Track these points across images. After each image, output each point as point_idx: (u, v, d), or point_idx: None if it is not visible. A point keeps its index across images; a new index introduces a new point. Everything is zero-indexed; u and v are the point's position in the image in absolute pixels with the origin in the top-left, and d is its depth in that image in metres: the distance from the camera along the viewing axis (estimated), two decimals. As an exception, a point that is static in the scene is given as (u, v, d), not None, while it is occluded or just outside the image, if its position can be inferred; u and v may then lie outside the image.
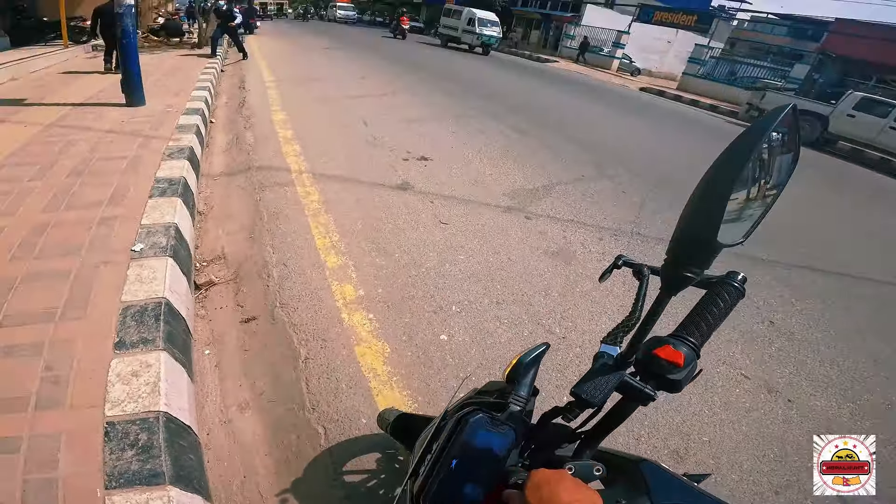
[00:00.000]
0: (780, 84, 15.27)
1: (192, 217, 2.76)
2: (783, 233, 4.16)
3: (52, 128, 3.91)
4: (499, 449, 0.53)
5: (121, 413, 1.19)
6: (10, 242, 2.00)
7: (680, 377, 0.53)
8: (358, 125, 5.32)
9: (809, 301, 3.01)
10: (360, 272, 2.41)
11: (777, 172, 0.60)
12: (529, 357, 0.63)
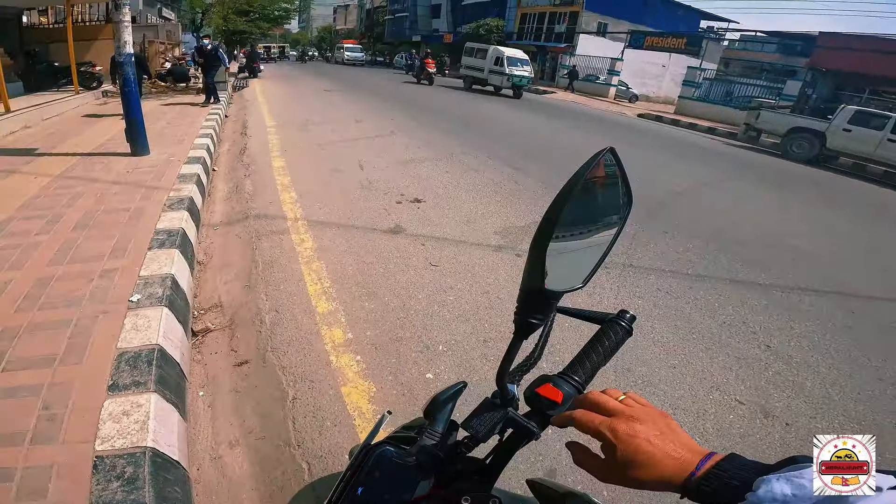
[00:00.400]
0: (774, 102, 15.65)
1: (192, 266, 2.96)
2: (781, 254, 4.31)
3: (60, 179, 4.23)
4: (403, 480, 0.58)
5: (110, 448, 1.34)
6: (17, 294, 2.20)
7: (558, 413, 0.57)
8: (354, 169, 5.64)
9: (809, 323, 3.09)
10: (349, 316, 2.56)
11: (607, 215, 0.64)
12: (446, 395, 0.67)
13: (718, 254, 4.13)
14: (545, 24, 30.02)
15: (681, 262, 3.87)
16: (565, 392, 0.58)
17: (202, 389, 2.02)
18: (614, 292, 3.23)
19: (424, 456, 0.59)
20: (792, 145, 11.30)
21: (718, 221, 5.13)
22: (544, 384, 0.59)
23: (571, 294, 0.61)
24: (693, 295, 3.31)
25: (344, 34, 65.98)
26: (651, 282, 3.46)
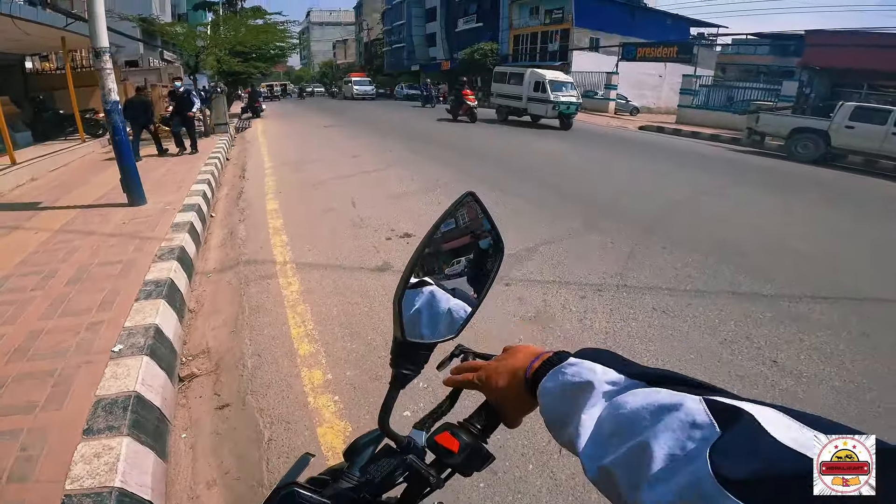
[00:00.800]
0: (773, 103, 15.79)
1: (181, 315, 3.13)
2: (785, 262, 4.30)
3: (59, 233, 4.51)
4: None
5: (78, 488, 1.48)
6: (9, 347, 2.41)
7: (455, 462, 0.58)
8: (347, 207, 5.86)
9: (820, 334, 3.04)
10: (330, 357, 2.68)
11: (476, 262, 0.66)
12: (366, 438, 0.69)
13: (720, 266, 4.16)
14: (538, 44, 31.20)
15: (679, 279, 3.91)
16: (462, 441, 0.58)
17: (185, 432, 2.15)
18: (606, 315, 3.28)
19: (338, 499, 0.59)
20: (796, 146, 11.42)
21: (719, 231, 5.16)
22: (443, 432, 0.60)
23: (566, 323, 0.67)
24: (692, 312, 3.34)
25: (345, 68, 68.67)
26: (646, 301, 3.51)
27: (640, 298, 3.56)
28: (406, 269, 0.58)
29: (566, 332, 3.04)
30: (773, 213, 6.15)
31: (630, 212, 5.80)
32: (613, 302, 3.48)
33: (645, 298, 3.57)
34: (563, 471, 1.89)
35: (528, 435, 2.05)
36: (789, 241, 4.94)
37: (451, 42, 39.79)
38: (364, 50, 62.54)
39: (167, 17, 23.24)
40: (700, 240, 4.83)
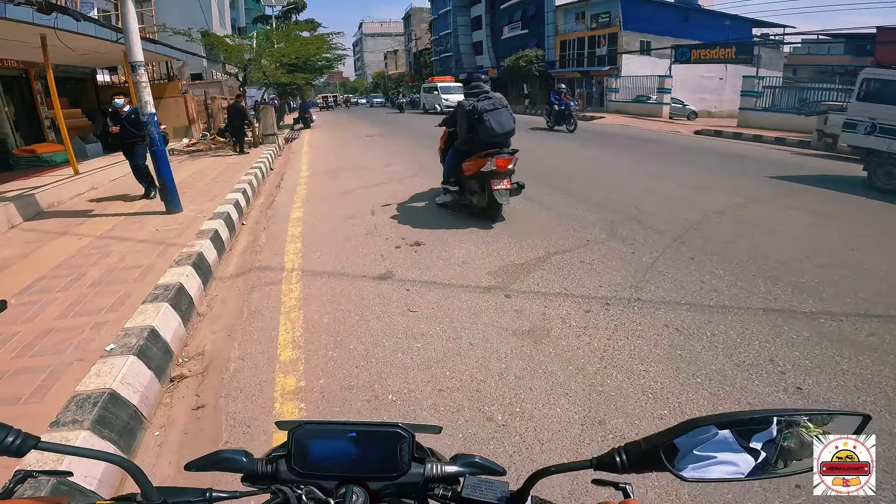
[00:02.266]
0: (843, 104, 14.54)
1: (186, 318, 3.33)
2: (838, 278, 3.84)
3: (99, 239, 4.94)
4: None
5: (23, 468, 1.57)
6: (18, 344, 2.66)
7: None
8: (366, 215, 6.00)
9: (862, 357, 2.71)
10: (309, 364, 2.74)
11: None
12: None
13: (755, 279, 3.82)
14: (585, 49, 30.65)
15: (703, 293, 3.64)
16: None
17: (159, 430, 2.28)
18: (609, 332, 3.10)
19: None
20: None
21: (762, 242, 4.74)
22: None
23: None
24: (710, 330, 3.08)
25: (396, 77, 70.59)
26: (659, 317, 3.28)
27: (652, 314, 3.34)
28: None
29: (559, 349, 2.92)
30: (833, 223, 5.59)
31: (660, 220, 5.50)
32: (621, 317, 3.30)
33: (658, 314, 3.35)
34: None
35: None
36: (848, 254, 4.44)
37: (497, 50, 39.99)
38: (413, 60, 64.03)
39: (227, 30, 24.79)
40: (737, 251, 4.47)
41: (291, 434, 0.64)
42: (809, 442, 0.55)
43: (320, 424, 0.65)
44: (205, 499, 0.62)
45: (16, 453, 0.57)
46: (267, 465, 0.66)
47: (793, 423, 0.55)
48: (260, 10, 33.64)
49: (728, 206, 6.20)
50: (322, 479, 0.64)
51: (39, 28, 6.75)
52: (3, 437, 0.56)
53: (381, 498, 0.65)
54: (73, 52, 8.60)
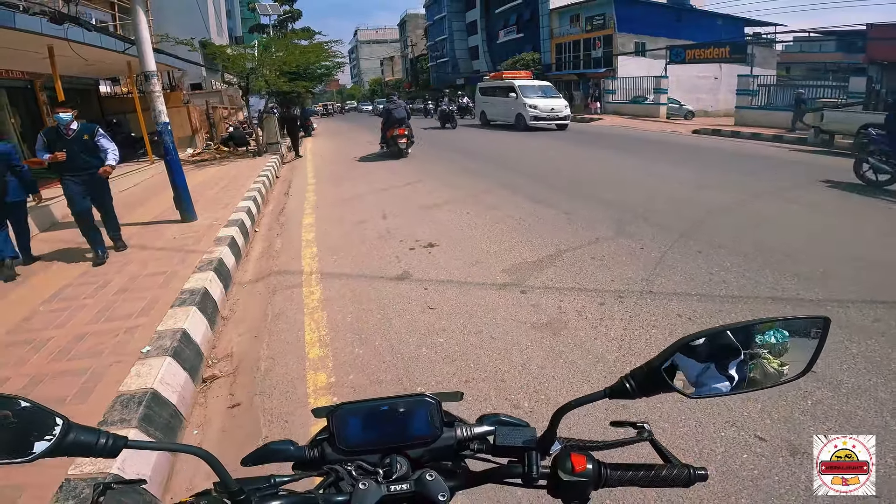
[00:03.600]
0: (840, 100, 14.67)
1: (212, 321, 3.39)
2: (843, 268, 3.92)
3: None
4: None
5: (78, 473, 1.66)
6: (54, 348, 2.74)
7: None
8: (377, 219, 6.08)
9: (870, 341, 2.77)
10: (337, 361, 2.81)
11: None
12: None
13: (762, 269, 3.90)
14: (581, 52, 30.80)
15: (712, 284, 3.72)
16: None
17: (197, 429, 2.35)
18: (624, 323, 3.17)
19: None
20: None
21: (767, 236, 4.82)
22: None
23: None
24: (721, 319, 3.15)
25: (393, 84, 70.85)
26: (672, 308, 3.35)
27: (664, 305, 3.42)
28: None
29: (578, 340, 2.98)
30: (835, 216, 5.68)
31: (666, 217, 5.57)
32: (634, 309, 3.37)
33: (671, 305, 3.42)
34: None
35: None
36: (849, 244, 4.54)
37: (493, 54, 40.19)
38: (410, 66, 64.30)
39: (224, 40, 24.62)
40: (743, 244, 4.54)
41: (331, 417, 0.68)
42: (771, 371, 0.65)
43: (354, 404, 0.70)
44: (271, 484, 0.66)
45: (110, 454, 0.59)
46: (313, 449, 0.70)
47: (756, 355, 0.65)
48: (256, 19, 33.86)
49: (731, 203, 6.28)
50: (365, 454, 0.68)
51: (47, 38, 6.84)
52: (97, 440, 0.58)
53: (422, 464, 0.69)
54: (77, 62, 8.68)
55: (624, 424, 0.73)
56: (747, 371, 0.65)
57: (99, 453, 0.58)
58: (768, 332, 0.65)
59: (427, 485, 0.63)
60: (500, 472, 0.69)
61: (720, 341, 0.65)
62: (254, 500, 0.63)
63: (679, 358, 0.65)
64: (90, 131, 4.63)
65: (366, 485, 0.62)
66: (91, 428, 0.58)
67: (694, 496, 1.78)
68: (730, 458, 1.95)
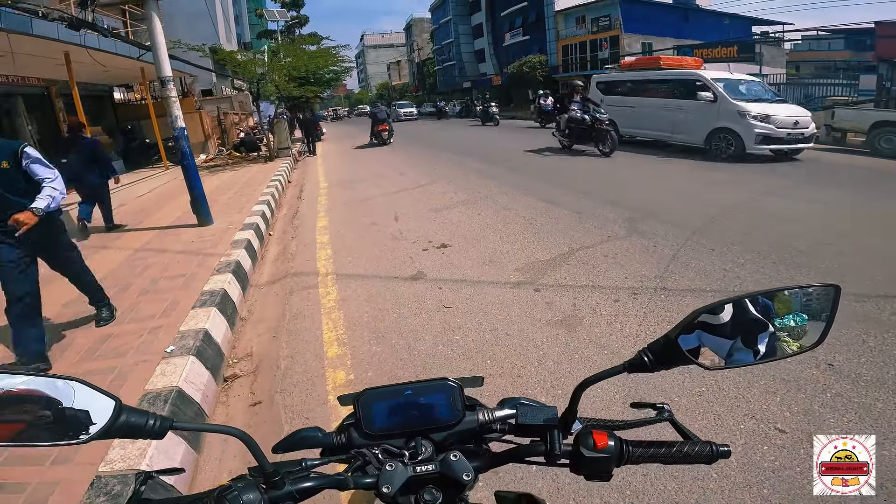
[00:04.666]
0: (851, 98, 14.46)
1: (231, 321, 3.44)
2: (857, 263, 3.89)
3: (138, 252, 5.10)
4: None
5: (109, 470, 1.71)
6: (81, 348, 2.82)
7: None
8: (389, 221, 6.11)
9: (888, 335, 2.76)
10: (355, 359, 2.84)
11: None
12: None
13: (777, 266, 3.87)
14: (588, 53, 30.68)
15: (727, 280, 3.69)
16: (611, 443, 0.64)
17: (220, 426, 2.38)
18: (639, 319, 3.16)
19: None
20: (879, 140, 10.51)
21: (781, 232, 4.77)
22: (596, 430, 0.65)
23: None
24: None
25: (400, 88, 71.06)
26: (686, 304, 3.32)
27: (679, 301, 3.40)
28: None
29: (593, 336, 2.98)
30: (848, 211, 5.59)
31: (678, 215, 5.54)
32: (649, 305, 3.36)
33: (685, 301, 3.40)
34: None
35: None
36: (865, 239, 4.49)
37: (499, 57, 40.18)
38: (416, 70, 64.50)
39: (233, 46, 24.82)
40: (757, 241, 4.51)
41: (357, 402, 0.69)
42: (790, 352, 0.67)
43: (378, 389, 0.71)
44: (303, 467, 0.67)
45: (158, 435, 0.61)
46: (340, 435, 0.71)
47: (776, 338, 0.66)
48: (263, 25, 34.13)
49: (743, 200, 6.22)
50: (391, 437, 0.69)
51: (64, 45, 6.96)
52: (146, 421, 0.59)
53: (446, 447, 0.69)
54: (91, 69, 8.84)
55: (644, 405, 0.75)
56: (774, 345, 0.66)
57: (148, 434, 0.60)
58: (787, 315, 0.66)
59: (452, 465, 0.64)
60: (523, 451, 0.70)
61: (744, 316, 0.66)
62: (287, 482, 0.64)
63: (704, 336, 0.65)
64: (8, 154, 2.66)
65: (392, 466, 0.64)
66: (141, 410, 0.60)
67: (715, 486, 1.78)
68: (750, 450, 1.95)
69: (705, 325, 0.65)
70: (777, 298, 0.67)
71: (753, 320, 0.66)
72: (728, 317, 0.65)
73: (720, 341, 0.66)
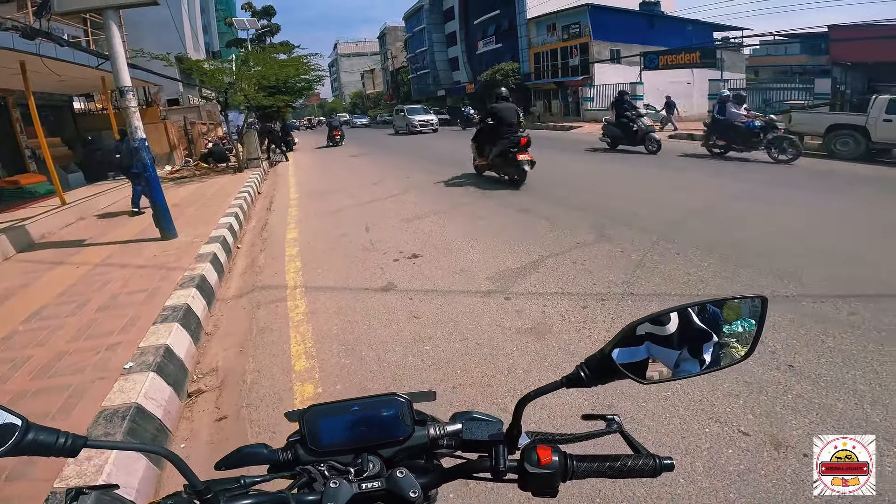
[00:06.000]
0: (806, 102, 15.31)
1: (196, 337, 3.40)
2: (815, 263, 4.07)
3: (98, 267, 4.97)
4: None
5: (63, 486, 1.69)
6: (36, 366, 2.75)
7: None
8: (360, 232, 6.13)
9: (846, 335, 2.88)
10: (323, 372, 2.84)
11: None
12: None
13: (738, 269, 4.06)
14: (559, 60, 31.51)
15: (690, 284, 3.85)
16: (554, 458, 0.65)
17: (184, 442, 2.37)
18: (607, 325, 3.26)
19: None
20: (835, 144, 11.17)
21: (743, 235, 5.02)
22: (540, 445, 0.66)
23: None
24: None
25: (374, 97, 71.10)
26: (652, 308, 3.35)
27: (646, 306, 3.52)
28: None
29: (562, 343, 3.06)
30: (805, 213, 5.91)
31: (645, 220, 5.75)
32: (616, 311, 3.47)
33: (651, 306, 3.52)
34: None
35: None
36: (821, 240, 4.76)
37: (473, 65, 40.79)
38: (391, 78, 64.79)
39: (201, 55, 24.50)
40: (719, 244, 4.72)
41: (302, 419, 0.69)
42: (738, 357, 0.71)
43: (325, 405, 0.71)
44: (241, 485, 0.67)
45: (70, 453, 0.60)
46: (286, 452, 0.71)
47: (724, 343, 0.70)
48: (233, 34, 33.79)
49: (706, 205, 6.50)
50: (338, 454, 0.69)
51: (19, 54, 6.76)
52: (56, 440, 0.59)
53: (395, 463, 0.69)
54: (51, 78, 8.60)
55: (595, 417, 0.76)
56: (719, 354, 0.69)
57: (59, 452, 0.59)
58: (736, 321, 0.70)
59: (398, 482, 0.64)
60: (471, 467, 0.71)
61: (689, 327, 0.68)
62: (222, 499, 0.64)
63: (653, 349, 0.68)
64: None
65: (336, 483, 0.63)
66: (50, 428, 0.59)
67: (683, 492, 1.82)
68: (716, 454, 2.01)
69: (653, 337, 0.68)
70: (726, 306, 0.71)
71: (699, 330, 0.69)
72: (674, 328, 0.68)
73: (667, 352, 0.68)
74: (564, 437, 0.74)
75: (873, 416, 2.17)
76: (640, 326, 0.68)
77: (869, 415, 2.18)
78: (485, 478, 0.69)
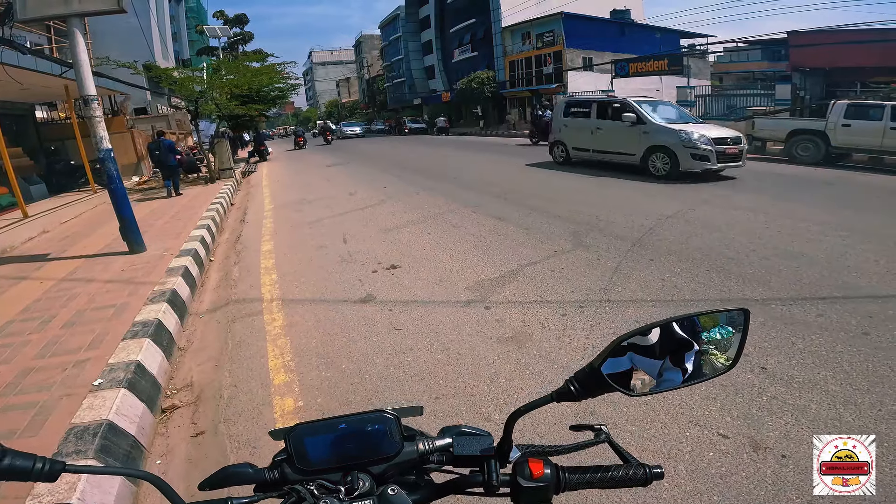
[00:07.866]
0: (769, 108, 16.03)
1: (168, 352, 3.34)
2: (782, 267, 4.29)
3: (62, 282, 4.82)
4: None
5: (37, 503, 1.67)
6: (0, 383, 2.66)
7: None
8: (338, 243, 6.12)
9: (815, 336, 3.01)
10: (303, 386, 2.84)
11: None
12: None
13: (710, 274, 4.23)
14: (533, 68, 32.31)
15: (665, 290, 3.99)
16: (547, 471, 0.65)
17: (160, 458, 2.35)
18: (586, 332, 3.35)
19: None
20: (796, 149, 11.64)
21: (712, 240, 5.24)
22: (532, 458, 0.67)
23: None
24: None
25: (350, 105, 70.98)
26: (629, 315, 3.57)
27: (622, 313, 3.63)
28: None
29: (543, 351, 3.13)
30: (770, 218, 6.18)
31: (619, 227, 5.93)
32: (595, 318, 3.57)
33: (628, 312, 3.64)
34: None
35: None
36: (786, 244, 4.99)
37: (449, 73, 41.28)
38: (367, 87, 64.86)
39: (170, 63, 24.08)
40: (690, 250, 4.92)
41: (288, 438, 0.69)
42: (719, 365, 0.74)
43: (311, 424, 0.70)
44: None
45: (48, 478, 0.60)
46: (273, 471, 0.71)
47: (704, 351, 0.73)
48: (204, 42, 33.40)
49: (677, 211, 6.74)
50: (326, 472, 0.68)
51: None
52: (33, 465, 0.58)
53: (385, 480, 0.69)
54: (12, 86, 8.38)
55: (583, 428, 0.77)
56: (700, 362, 0.71)
57: (37, 477, 0.59)
58: (714, 328, 0.72)
59: (390, 500, 0.64)
60: (463, 482, 0.71)
61: (671, 336, 0.70)
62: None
63: (636, 359, 0.70)
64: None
65: (327, 502, 0.63)
66: (27, 453, 0.59)
67: (668, 496, 1.87)
68: (697, 457, 2.07)
69: (636, 347, 0.70)
70: (707, 317, 0.73)
71: (679, 340, 0.71)
72: (656, 338, 0.70)
73: (650, 362, 0.70)
74: (554, 449, 0.75)
75: (846, 416, 2.26)
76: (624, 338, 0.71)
77: (842, 414, 2.28)
78: (477, 493, 0.69)
